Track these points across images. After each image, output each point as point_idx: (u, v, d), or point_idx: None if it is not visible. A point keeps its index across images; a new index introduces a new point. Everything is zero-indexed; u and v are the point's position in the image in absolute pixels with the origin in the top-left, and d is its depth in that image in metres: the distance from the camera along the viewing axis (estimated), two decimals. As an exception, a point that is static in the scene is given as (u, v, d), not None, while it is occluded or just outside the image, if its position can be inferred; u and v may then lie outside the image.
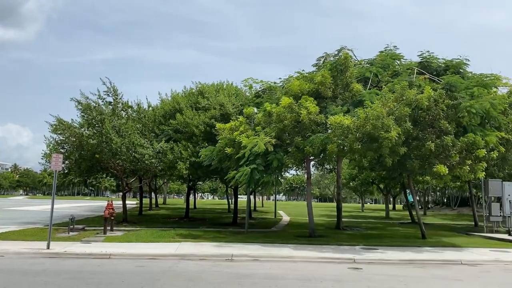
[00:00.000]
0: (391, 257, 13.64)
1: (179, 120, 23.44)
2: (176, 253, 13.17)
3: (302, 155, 17.63)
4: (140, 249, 13.77)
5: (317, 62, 20.93)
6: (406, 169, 17.62)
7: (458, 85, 17.31)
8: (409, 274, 11.30)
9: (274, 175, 17.18)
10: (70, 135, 21.52)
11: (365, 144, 15.88)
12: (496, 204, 22.63)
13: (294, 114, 16.67)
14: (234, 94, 25.11)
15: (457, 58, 19.92)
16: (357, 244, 16.73)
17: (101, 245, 14.44)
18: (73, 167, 23.66)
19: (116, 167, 22.76)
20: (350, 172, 41.58)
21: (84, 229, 19.59)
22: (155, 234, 17.91)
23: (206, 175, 27.17)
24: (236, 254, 13.18)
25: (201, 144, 22.22)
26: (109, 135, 20.51)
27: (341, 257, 13.38)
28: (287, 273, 10.84)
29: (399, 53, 20.51)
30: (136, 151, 21.40)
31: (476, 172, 16.94)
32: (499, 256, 14.49)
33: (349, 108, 17.19)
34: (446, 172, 15.80)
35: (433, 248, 16.30)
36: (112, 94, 22.66)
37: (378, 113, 14.90)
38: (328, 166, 33.93)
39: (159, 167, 22.95)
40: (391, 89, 16.86)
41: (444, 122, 16.26)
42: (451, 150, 16.02)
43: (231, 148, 17.44)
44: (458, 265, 13.05)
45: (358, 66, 20.02)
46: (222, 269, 11.16)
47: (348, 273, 11.20)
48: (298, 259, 13.05)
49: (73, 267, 11.12)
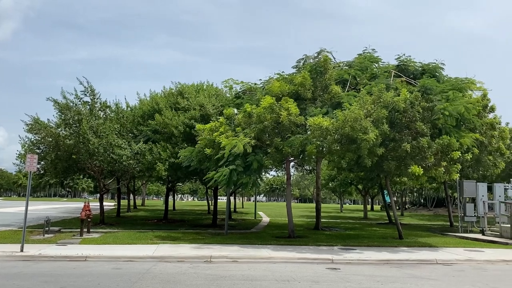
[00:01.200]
0: (369, 257, 13.82)
1: (158, 120, 23.20)
2: (154, 255, 13.04)
3: (281, 156, 17.70)
4: (117, 251, 13.58)
5: (297, 64, 21.05)
6: (383, 170, 17.88)
7: (434, 88, 17.68)
8: (386, 274, 11.47)
9: (254, 176, 17.19)
10: (46, 135, 21.09)
11: (344, 145, 16.08)
12: (470, 205, 23.18)
13: (274, 115, 16.73)
14: (214, 95, 25.02)
15: (433, 62, 20.34)
16: (335, 244, 16.90)
17: (77, 247, 14.19)
18: (49, 168, 23.16)
19: (93, 168, 22.41)
20: (329, 173, 41.93)
21: (60, 231, 19.23)
22: (133, 236, 17.70)
23: (186, 176, 26.99)
24: (215, 256, 13.14)
25: (180, 145, 22.05)
26: (86, 135, 20.19)
27: (319, 257, 13.48)
28: (265, 274, 10.86)
29: (377, 56, 20.85)
30: (114, 152, 21.12)
31: (451, 173, 17.33)
32: (473, 255, 14.86)
33: (328, 110, 17.36)
34: (421, 172, 16.12)
35: (410, 248, 16.59)
36: (90, 94, 22.30)
37: (356, 115, 15.11)
38: (307, 167, 34.19)
39: (137, 168, 22.71)
40: (369, 92, 17.10)
41: (420, 124, 16.58)
42: (426, 151, 16.34)
43: (211, 149, 17.37)
44: (433, 264, 13.32)
45: (337, 69, 20.23)
46: (201, 271, 11.11)
47: (326, 273, 11.30)
48: (277, 260, 13.09)
49: (48, 270, 10.89)
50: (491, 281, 10.82)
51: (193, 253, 13.51)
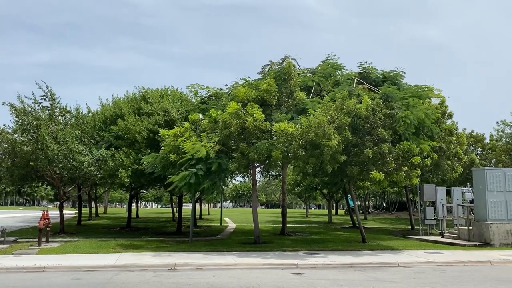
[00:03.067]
0: (333, 261, 13.99)
1: (121, 126, 22.67)
2: (116, 264, 12.69)
3: (247, 161, 17.70)
4: (78, 260, 13.13)
5: (263, 70, 21.15)
6: (346, 175, 18.21)
7: (395, 96, 18.21)
8: (349, 277, 11.63)
9: (215, 179, 16.94)
10: (2, 141, 20.26)
11: (308, 151, 16.25)
12: (430, 208, 23.95)
13: (240, 121, 16.73)
14: (179, 100, 24.71)
15: (394, 70, 20.92)
16: (300, 249, 17.01)
17: (35, 258, 13.62)
18: (5, 175, 22.21)
19: (52, 175, 21.64)
20: (295, 178, 42.31)
21: (17, 241, 18.42)
22: (95, 245, 17.18)
23: (150, 183, 26.49)
24: (179, 264, 12.93)
25: (143, 151, 21.60)
26: (45, 141, 19.47)
27: (284, 262, 13.53)
28: (230, 281, 10.78)
29: (340, 63, 21.21)
30: (74, 158, 20.47)
31: (411, 178, 17.87)
32: (432, 257, 15.33)
33: (293, 116, 17.53)
34: (382, 177, 16.55)
35: (373, 251, 16.93)
36: (49, 99, 21.54)
37: (320, 121, 15.34)
38: (273, 173, 34.41)
39: (99, 175, 22.09)
40: (332, 98, 17.40)
41: (382, 130, 17.02)
42: (387, 157, 16.78)
43: (175, 155, 17.12)
44: (395, 267, 13.63)
45: (302, 75, 20.47)
46: (164, 279, 10.90)
47: (291, 278, 11.34)
48: (242, 267, 13.03)
49: (2, 282, 10.38)
50: (449, 282, 11.17)
51: (156, 261, 13.24)
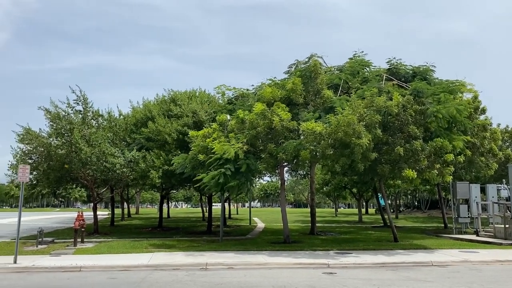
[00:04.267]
0: (365, 260, 13.83)
1: (151, 128, 23.16)
2: (149, 264, 12.95)
3: (275, 161, 17.71)
4: (112, 260, 13.47)
5: (289, 69, 21.13)
6: (377, 174, 17.93)
7: (426, 91, 17.82)
8: (382, 277, 11.48)
9: (243, 179, 17.06)
10: (38, 145, 20.94)
11: (337, 150, 16.10)
12: (464, 206, 23.30)
13: (267, 121, 16.76)
14: (206, 101, 25.02)
15: (424, 65, 20.49)
16: (331, 249, 16.89)
17: (71, 258, 14.06)
18: (41, 178, 22.98)
19: (86, 177, 22.25)
20: (323, 177, 41.95)
21: (54, 241, 19.03)
22: (128, 245, 17.57)
23: (180, 183, 26.87)
24: (211, 263, 13.07)
25: (174, 152, 21.98)
26: (79, 144, 20.06)
27: (315, 262, 13.47)
28: (261, 281, 10.83)
29: (368, 60, 20.93)
30: (107, 160, 20.99)
31: (444, 175, 17.42)
32: (467, 256, 14.93)
33: (320, 114, 17.42)
34: (415, 176, 16.20)
35: (405, 250, 16.63)
36: (82, 103, 22.20)
37: (349, 120, 15.15)
38: (301, 172, 34.22)
39: (131, 176, 22.59)
40: (360, 96, 17.18)
41: (413, 127, 16.67)
42: (420, 154, 16.42)
43: (204, 155, 17.34)
44: (428, 266, 13.36)
45: (329, 73, 20.32)
46: (196, 279, 11.04)
47: (322, 278, 11.28)
48: (272, 266, 13.05)
49: (42, 281, 10.78)
50: (486, 281, 10.86)
51: (188, 261, 13.43)
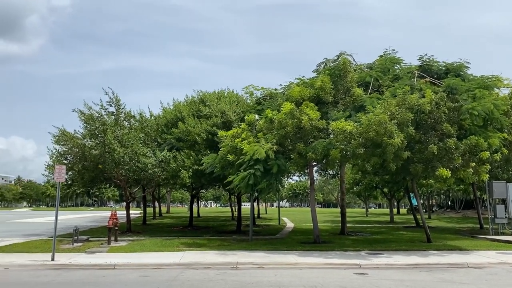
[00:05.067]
0: (397, 261, 13.58)
1: (181, 128, 23.51)
2: (180, 262, 13.14)
3: (305, 161, 17.61)
4: (145, 258, 13.74)
5: (317, 68, 21.00)
6: (410, 173, 17.55)
7: (459, 88, 17.32)
8: (415, 278, 11.24)
9: (273, 180, 17.05)
10: (73, 146, 21.57)
11: (368, 149, 15.85)
12: (501, 206, 22.52)
13: (296, 121, 16.69)
14: (235, 102, 25.17)
15: (458, 61, 19.95)
16: (362, 249, 16.66)
17: (106, 256, 14.42)
18: (76, 178, 23.68)
19: (119, 177, 22.77)
20: (354, 177, 41.43)
21: (88, 240, 19.57)
22: (160, 244, 17.88)
23: (209, 183, 27.15)
24: (241, 262, 13.14)
25: (203, 152, 22.23)
26: (112, 145, 20.55)
27: (346, 262, 13.32)
28: (292, 280, 10.80)
29: (399, 57, 20.57)
30: (139, 160, 21.42)
31: (480, 174, 16.87)
32: (505, 258, 14.42)
33: (350, 113, 17.19)
34: (449, 175, 15.75)
35: (439, 251, 16.23)
36: (115, 104, 22.75)
37: (381, 119, 14.87)
38: (331, 172, 33.93)
39: (162, 176, 22.97)
40: (392, 93, 16.87)
41: (447, 125, 16.22)
42: (454, 152, 15.97)
43: (233, 155, 17.44)
44: (464, 268, 12.98)
45: (358, 71, 20.06)
46: (227, 278, 11.12)
47: (354, 278, 11.15)
48: (303, 266, 13.00)
49: (78, 278, 11.10)
50: (526, 284, 10.48)
51: (219, 260, 13.54)
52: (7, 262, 12.90)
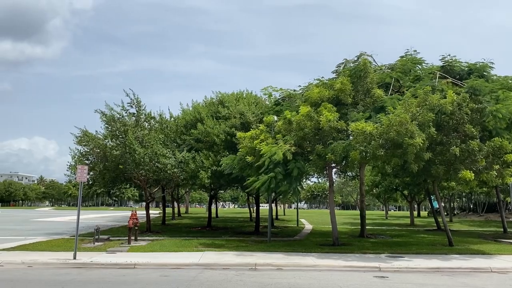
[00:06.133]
0: (418, 265, 13.37)
1: (200, 129, 23.65)
2: (199, 263, 13.21)
3: (323, 162, 17.50)
4: (164, 258, 13.87)
5: (337, 69, 20.81)
6: (431, 175, 17.28)
7: (483, 89, 16.96)
8: (437, 282, 11.05)
9: (294, 183, 17.00)
10: (95, 146, 21.94)
11: (389, 150, 15.64)
12: (525, 210, 21.97)
13: (314, 122, 16.60)
14: (253, 103, 25.18)
15: (481, 61, 19.56)
16: (382, 252, 16.46)
17: (126, 255, 14.60)
18: (97, 178, 24.06)
19: (139, 177, 23.05)
20: (373, 179, 40.96)
21: (109, 239, 19.85)
22: (179, 244, 18.01)
23: (228, 183, 27.25)
24: (260, 263, 13.13)
25: (222, 153, 22.33)
26: (132, 146, 20.82)
27: (366, 265, 13.18)
28: (311, 283, 10.74)
29: (420, 57, 20.29)
30: (159, 161, 21.64)
31: (504, 177, 16.52)
32: (531, 263, 14.04)
33: (371, 114, 17.01)
34: (472, 177, 15.45)
35: (461, 255, 15.90)
36: (136, 106, 23.06)
37: (402, 119, 14.67)
38: (350, 173, 33.60)
39: (181, 176, 23.16)
40: (413, 94, 16.63)
41: (469, 126, 15.92)
42: (477, 154, 15.66)
43: (252, 156, 17.45)
44: (487, 272, 12.70)
45: (379, 72, 19.84)
46: (246, 278, 11.13)
47: (373, 281, 11.02)
48: (322, 268, 12.92)
49: (99, 277, 11.27)
50: (553, 291, 10.19)
51: (237, 261, 13.57)
52: (30, 260, 13.19)
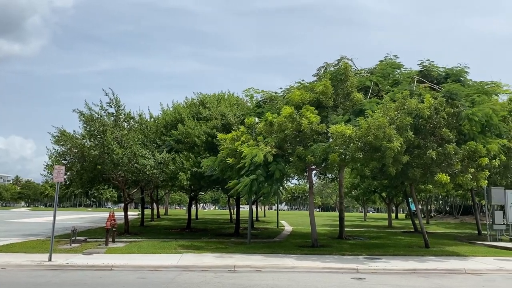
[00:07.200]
0: (395, 266, 13.56)
1: (181, 130, 23.46)
2: (178, 264, 13.11)
3: (303, 164, 17.61)
4: (142, 260, 13.71)
5: (318, 72, 21.01)
6: (408, 178, 17.58)
7: (459, 93, 17.33)
8: (413, 284, 11.23)
9: (276, 185, 17.07)
10: (72, 146, 21.54)
11: (367, 153, 15.87)
12: (499, 212, 22.53)
13: (295, 124, 16.70)
14: (235, 104, 25.14)
15: (457, 66, 19.96)
16: (360, 253, 16.64)
17: (103, 257, 14.38)
18: (75, 178, 23.63)
19: (117, 178, 22.75)
20: (352, 181, 41.44)
21: (86, 240, 19.53)
22: (157, 245, 17.84)
23: (208, 185, 27.10)
24: (239, 265, 13.11)
25: (203, 155, 22.21)
26: (111, 146, 20.53)
27: (344, 267, 13.31)
28: (290, 284, 10.78)
29: (399, 62, 20.60)
30: (138, 162, 21.39)
31: (478, 180, 16.88)
32: (503, 264, 14.41)
33: (350, 117, 17.23)
34: (448, 180, 15.77)
35: (437, 257, 16.22)
36: (115, 105, 22.72)
37: (380, 123, 14.90)
38: (330, 175, 33.90)
39: (160, 177, 22.92)
40: (392, 98, 16.90)
41: (446, 130, 16.26)
42: (453, 158, 16.00)
43: (233, 158, 17.44)
44: (462, 274, 12.98)
45: (359, 76, 20.10)
46: (225, 280, 11.10)
47: (351, 283, 11.13)
48: (301, 270, 12.98)
49: (75, 279, 11.07)
50: (524, 291, 10.47)
51: (216, 262, 13.52)
52: (4, 262, 12.86)
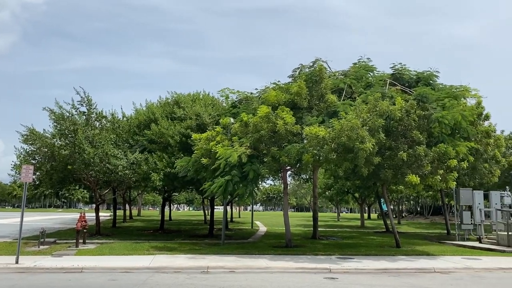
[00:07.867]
0: (367, 266, 13.76)
1: (154, 130, 23.14)
2: (150, 266, 12.93)
3: (278, 165, 17.69)
4: (113, 262, 13.46)
5: (293, 73, 21.13)
6: (380, 179, 17.89)
7: (430, 97, 17.77)
8: (384, 283, 11.41)
9: (250, 186, 17.07)
10: (42, 145, 20.95)
11: (341, 154, 16.08)
12: (467, 213, 23.19)
13: (271, 124, 16.75)
14: (210, 104, 24.98)
15: (428, 70, 20.47)
16: (333, 253, 16.82)
17: (73, 259, 14.06)
18: (44, 178, 22.97)
19: (89, 179, 22.26)
20: (326, 182, 41.90)
21: (56, 242, 19.05)
22: (129, 247, 17.56)
23: (182, 186, 26.85)
24: (212, 266, 13.04)
25: (177, 155, 21.97)
26: (82, 145, 20.07)
27: (317, 267, 13.41)
28: (263, 285, 10.79)
29: (372, 65, 20.94)
30: (110, 162, 20.98)
31: (447, 181, 17.35)
32: (470, 263, 14.85)
33: (324, 119, 17.40)
34: (418, 181, 16.15)
35: (407, 256, 16.56)
36: (86, 104, 22.22)
37: (353, 124, 15.13)
38: (304, 176, 34.18)
39: (133, 178, 22.55)
40: (364, 100, 17.16)
41: (416, 132, 16.64)
42: (423, 160, 16.38)
43: (207, 158, 17.34)
44: (431, 273, 13.28)
45: (333, 78, 20.32)
46: (197, 282, 11.01)
47: (323, 283, 11.23)
48: (274, 270, 13.00)
49: (43, 282, 10.77)
50: (489, 289, 10.79)
51: (190, 264, 13.40)
52: (-33, 265, 12.41)
